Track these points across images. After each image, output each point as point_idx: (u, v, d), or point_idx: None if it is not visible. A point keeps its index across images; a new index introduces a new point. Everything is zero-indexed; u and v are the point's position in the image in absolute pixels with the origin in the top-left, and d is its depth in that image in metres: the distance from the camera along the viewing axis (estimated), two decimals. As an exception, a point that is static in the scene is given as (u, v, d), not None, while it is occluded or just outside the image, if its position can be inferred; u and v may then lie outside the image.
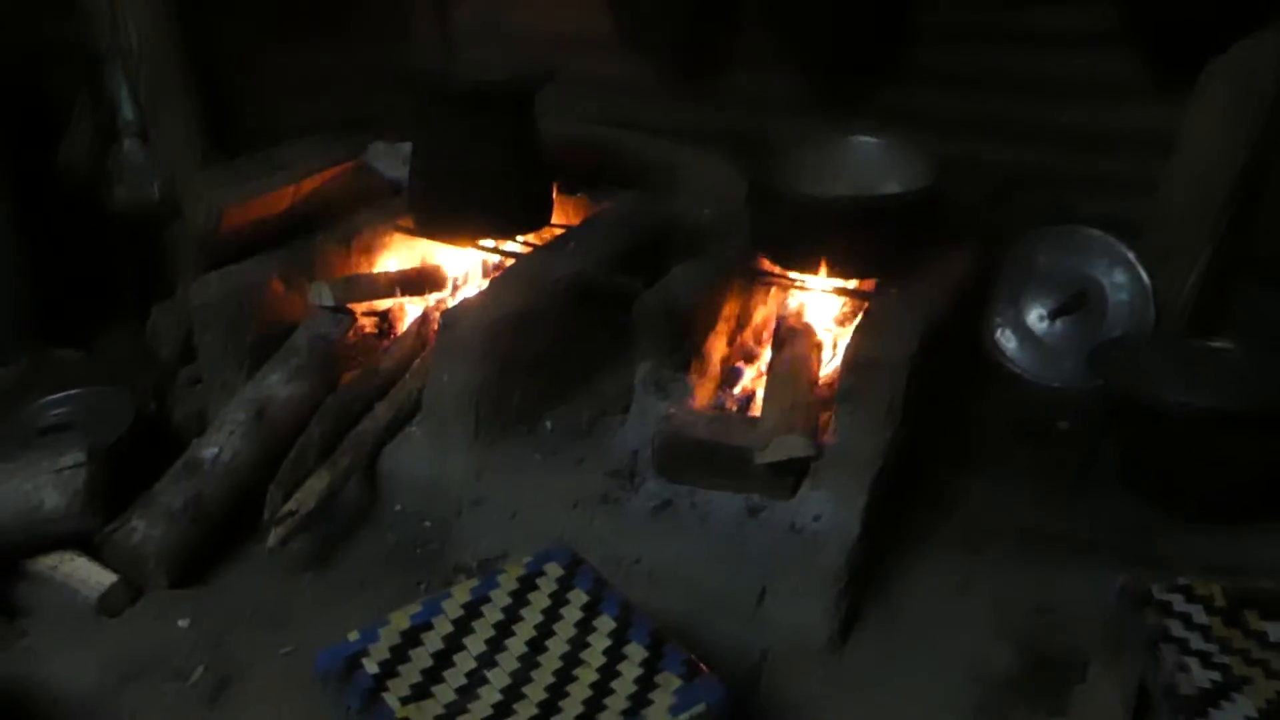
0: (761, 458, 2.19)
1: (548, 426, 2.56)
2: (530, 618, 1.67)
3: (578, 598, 1.71)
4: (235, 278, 2.73)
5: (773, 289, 2.75)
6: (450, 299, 2.95)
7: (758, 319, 2.75)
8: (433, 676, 1.57)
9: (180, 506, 2.33)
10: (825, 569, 2.06)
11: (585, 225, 2.99)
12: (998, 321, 2.83)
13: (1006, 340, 2.81)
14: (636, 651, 1.61)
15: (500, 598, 1.71)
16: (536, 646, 1.62)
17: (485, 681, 1.56)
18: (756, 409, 2.45)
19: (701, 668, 1.58)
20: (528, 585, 1.73)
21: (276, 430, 2.51)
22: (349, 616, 1.83)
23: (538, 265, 2.77)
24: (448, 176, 2.84)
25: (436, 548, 2.39)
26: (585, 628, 1.66)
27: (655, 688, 1.54)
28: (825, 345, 2.62)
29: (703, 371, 2.52)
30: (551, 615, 1.68)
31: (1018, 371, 2.78)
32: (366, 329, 2.90)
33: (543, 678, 1.57)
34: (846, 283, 2.68)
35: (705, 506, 2.25)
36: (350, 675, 1.57)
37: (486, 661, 1.60)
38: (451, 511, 2.40)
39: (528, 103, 2.86)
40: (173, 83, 3.08)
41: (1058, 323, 2.78)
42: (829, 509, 2.14)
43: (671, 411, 2.38)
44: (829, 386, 2.43)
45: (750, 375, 2.62)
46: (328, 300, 2.74)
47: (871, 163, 2.72)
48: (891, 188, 2.64)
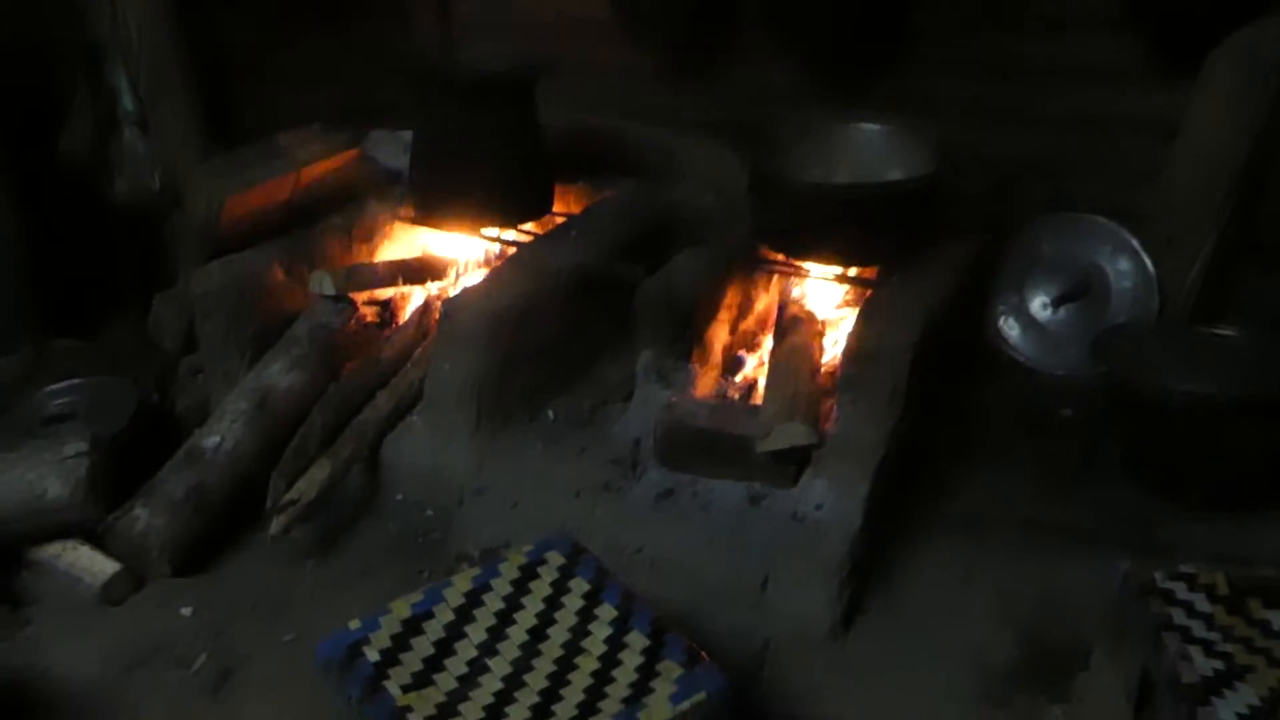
0: (763, 446, 2.19)
1: (549, 415, 2.56)
2: (532, 606, 1.67)
3: (579, 586, 1.71)
4: (236, 267, 2.73)
5: (774, 277, 2.75)
6: (452, 288, 2.95)
7: (759, 307, 2.74)
8: (434, 665, 1.57)
9: (182, 495, 2.33)
10: (827, 558, 2.06)
11: (586, 214, 2.99)
12: (1001, 309, 2.82)
13: (1010, 328, 2.80)
14: (638, 640, 1.60)
15: (502, 586, 1.71)
16: (538, 635, 1.62)
17: (487, 670, 1.56)
18: (758, 397, 2.45)
19: (703, 656, 1.58)
20: (529, 574, 1.73)
21: (278, 419, 2.51)
22: (351, 605, 1.83)
23: (539, 254, 2.77)
24: (449, 165, 2.84)
25: (438, 537, 2.39)
26: (587, 616, 1.66)
27: (656, 676, 1.54)
28: (827, 333, 2.61)
29: (704, 360, 2.52)
30: (553, 604, 1.68)
31: (1021, 359, 2.77)
32: (368, 318, 2.89)
33: (544, 666, 1.57)
34: (848, 271, 2.68)
35: (707, 495, 2.25)
36: (352, 663, 1.57)
37: (488, 650, 1.60)
38: (453, 500, 2.40)
39: (529, 92, 2.86)
40: (173, 77, 3.07)
41: (1061, 310, 2.77)
42: (831, 498, 2.14)
43: (673, 400, 2.38)
44: (831, 375, 2.43)
45: (752, 364, 2.62)
46: (329, 289, 2.74)
47: (874, 150, 2.71)
48: (894, 175, 2.63)
